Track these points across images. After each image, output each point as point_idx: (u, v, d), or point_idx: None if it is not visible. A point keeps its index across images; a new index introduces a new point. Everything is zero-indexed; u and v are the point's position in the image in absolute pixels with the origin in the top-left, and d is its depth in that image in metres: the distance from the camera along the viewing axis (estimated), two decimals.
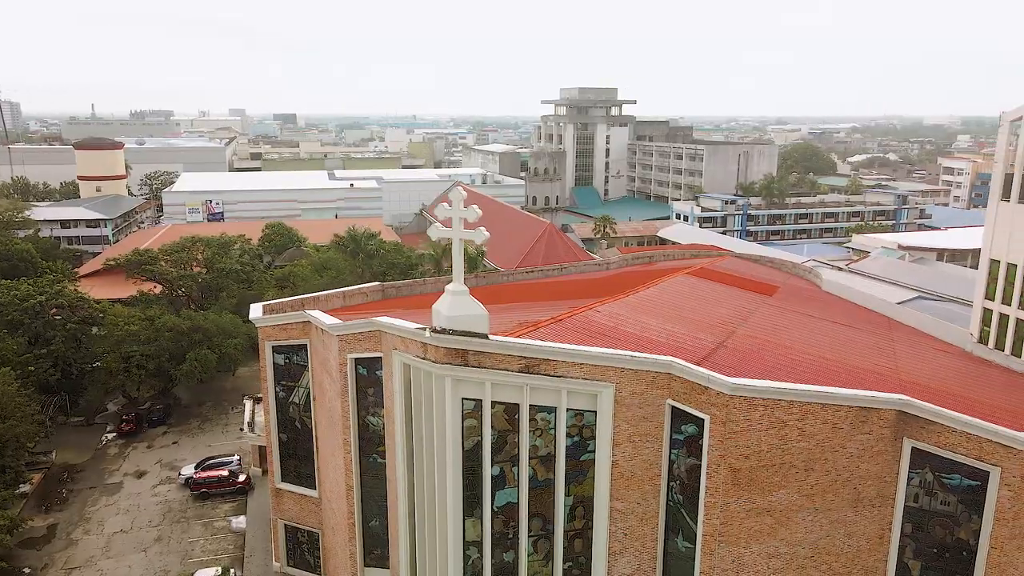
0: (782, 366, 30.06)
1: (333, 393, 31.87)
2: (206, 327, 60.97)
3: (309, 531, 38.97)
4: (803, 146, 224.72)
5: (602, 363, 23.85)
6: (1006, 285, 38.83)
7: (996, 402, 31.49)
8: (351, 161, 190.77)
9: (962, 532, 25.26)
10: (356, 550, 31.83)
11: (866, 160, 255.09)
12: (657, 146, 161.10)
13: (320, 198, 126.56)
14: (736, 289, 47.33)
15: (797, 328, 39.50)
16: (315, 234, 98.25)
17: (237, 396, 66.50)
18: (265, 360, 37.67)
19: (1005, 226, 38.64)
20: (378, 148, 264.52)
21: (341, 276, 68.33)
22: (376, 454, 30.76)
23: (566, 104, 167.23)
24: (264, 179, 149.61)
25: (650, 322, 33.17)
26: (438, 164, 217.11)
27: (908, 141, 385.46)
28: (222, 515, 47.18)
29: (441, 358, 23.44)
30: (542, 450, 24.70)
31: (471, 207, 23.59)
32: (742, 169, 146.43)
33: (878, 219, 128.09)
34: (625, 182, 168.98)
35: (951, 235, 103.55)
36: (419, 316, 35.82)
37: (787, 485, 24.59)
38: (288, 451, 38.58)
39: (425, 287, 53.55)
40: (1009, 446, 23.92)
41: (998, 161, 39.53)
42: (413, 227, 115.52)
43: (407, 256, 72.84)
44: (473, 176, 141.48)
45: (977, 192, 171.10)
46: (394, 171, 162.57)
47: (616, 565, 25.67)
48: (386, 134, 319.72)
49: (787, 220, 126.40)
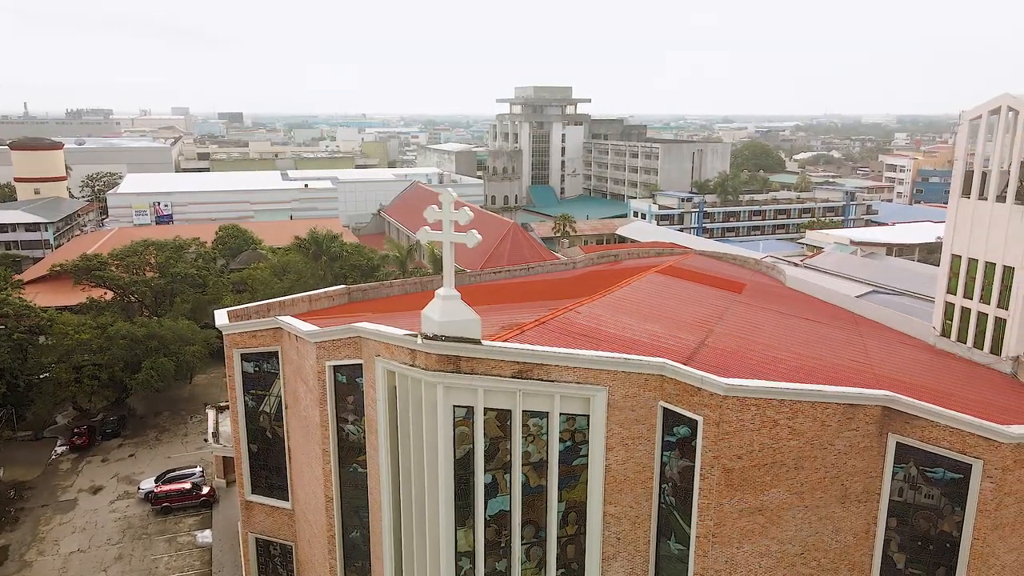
0: (764, 365, 30.23)
1: (309, 402, 30.84)
2: (162, 334, 58.84)
3: (282, 544, 37.75)
4: (753, 144, 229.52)
5: (595, 366, 23.52)
6: (967, 280, 39.86)
7: (966, 394, 32.26)
8: (303, 161, 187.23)
9: (945, 524, 25.70)
10: (336, 563, 30.86)
11: (812, 158, 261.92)
12: (612, 144, 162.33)
13: (274, 199, 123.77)
14: (706, 287, 47.67)
15: (771, 325, 39.92)
16: (270, 236, 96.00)
17: (195, 405, 64.46)
18: (233, 368, 36.27)
19: (966, 222, 39.66)
20: (330, 148, 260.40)
21: (302, 279, 66.80)
22: (357, 464, 29.86)
23: (521, 103, 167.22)
24: (214, 180, 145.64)
25: (630, 322, 33.04)
26: (392, 164, 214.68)
27: (850, 139, 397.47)
28: (186, 530, 45.52)
29: (432, 365, 22.79)
30: (534, 456, 24.25)
31: (463, 209, 22.98)
32: (696, 167, 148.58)
33: (828, 215, 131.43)
34: (581, 180, 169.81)
35: (899, 230, 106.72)
36: (393, 320, 35.00)
37: (778, 484, 24.65)
38: (259, 462, 37.28)
39: (392, 289, 52.72)
40: (991, 439, 24.38)
41: (958, 159, 40.57)
42: (371, 228, 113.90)
43: (368, 258, 71.60)
44: (430, 176, 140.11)
45: (918, 188, 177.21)
46: (348, 171, 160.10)
47: (609, 570, 25.39)
48: (337, 133, 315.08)
49: (741, 217, 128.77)
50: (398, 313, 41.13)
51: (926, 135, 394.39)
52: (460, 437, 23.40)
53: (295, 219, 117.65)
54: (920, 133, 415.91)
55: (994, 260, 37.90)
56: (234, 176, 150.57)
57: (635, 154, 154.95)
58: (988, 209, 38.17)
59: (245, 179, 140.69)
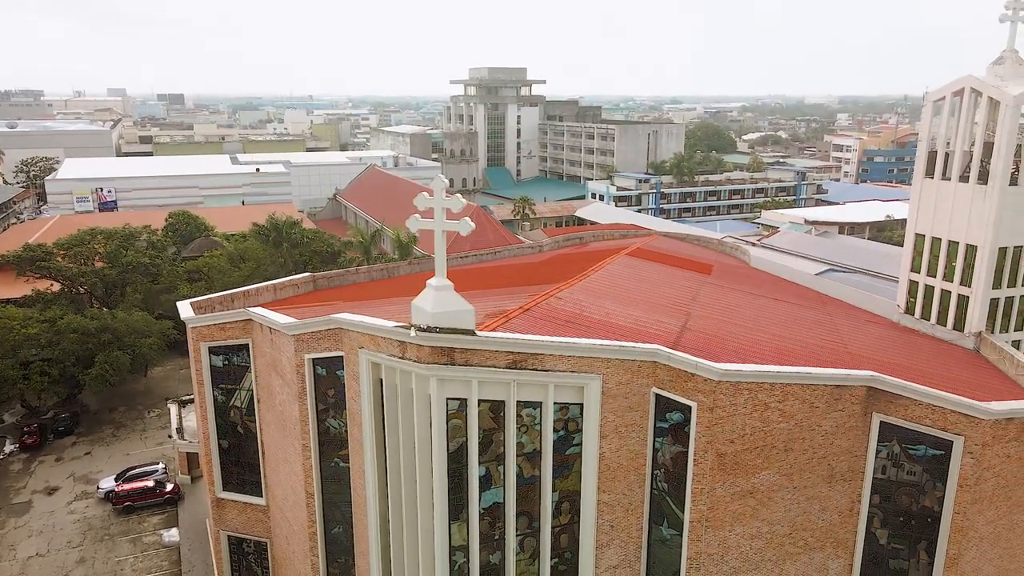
0: (746, 348, 30.36)
1: (287, 396, 29.84)
2: (116, 327, 56.52)
3: (256, 541, 36.75)
4: (705, 125, 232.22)
5: (590, 355, 23.19)
6: (931, 258, 40.76)
7: (938, 371, 33.03)
8: (252, 144, 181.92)
9: (927, 500, 26.29)
10: (318, 560, 30.09)
11: (760, 138, 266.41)
12: (568, 126, 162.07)
13: (224, 184, 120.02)
14: (676, 269, 47.82)
15: (744, 307, 40.24)
16: (223, 222, 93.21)
17: (152, 399, 62.36)
18: (201, 362, 34.91)
19: (929, 202, 40.48)
20: (278, 130, 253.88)
21: (261, 267, 64.95)
22: (338, 458, 29.06)
23: (476, 84, 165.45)
24: (159, 164, 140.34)
25: (612, 307, 32.82)
26: (344, 147, 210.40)
27: (795, 120, 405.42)
28: (151, 529, 43.99)
29: (426, 358, 22.10)
30: (527, 447, 23.86)
31: (455, 196, 22.24)
32: (652, 148, 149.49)
33: (780, 195, 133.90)
34: (537, 162, 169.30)
35: (849, 209, 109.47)
36: (367, 309, 34.07)
37: (769, 466, 24.81)
38: (230, 458, 36.10)
39: (358, 276, 51.63)
40: (972, 415, 24.94)
41: (922, 140, 41.33)
42: (328, 212, 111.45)
43: (329, 244, 69.98)
44: (384, 159, 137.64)
45: (864, 167, 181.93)
46: (300, 154, 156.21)
47: (603, 557, 25.27)
48: (285, 115, 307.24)
49: (697, 198, 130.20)
50: (370, 302, 40.18)
51: (867, 115, 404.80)
52: (453, 430, 22.84)
53: (247, 204, 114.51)
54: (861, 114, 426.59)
55: (957, 239, 38.76)
56: (180, 160, 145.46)
57: (591, 136, 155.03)
58: (951, 189, 38.96)
59: (192, 163, 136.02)
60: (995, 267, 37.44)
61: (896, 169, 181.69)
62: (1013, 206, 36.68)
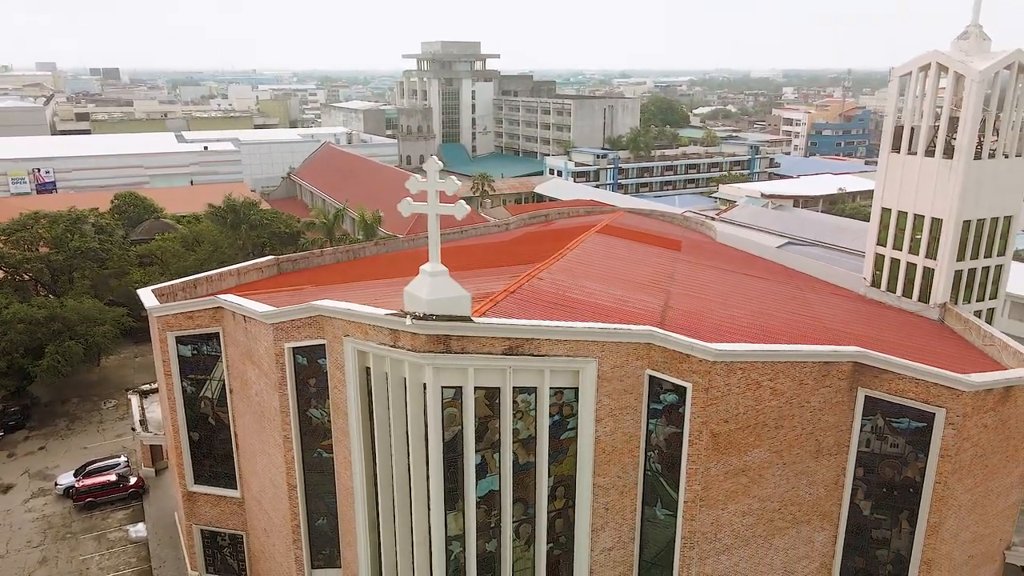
0: (729, 325, 30.43)
1: (264, 386, 28.80)
2: (66, 315, 53.98)
3: (231, 534, 35.75)
4: (658, 99, 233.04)
5: (585, 338, 22.83)
6: (897, 232, 41.51)
7: (913, 343, 33.71)
8: (197, 121, 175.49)
9: (910, 471, 26.87)
10: (302, 553, 29.34)
11: (711, 112, 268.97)
12: (524, 101, 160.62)
13: (171, 163, 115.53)
14: (647, 246, 47.80)
15: (718, 283, 40.43)
16: (172, 203, 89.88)
17: (107, 389, 60.03)
18: (168, 353, 33.47)
19: (896, 176, 41.08)
20: (222, 106, 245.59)
21: (218, 250, 62.76)
22: (321, 449, 28.26)
23: (429, 59, 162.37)
24: (100, 143, 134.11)
25: (593, 287, 32.51)
26: (294, 123, 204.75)
27: (743, 93, 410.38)
28: (116, 525, 42.41)
29: (421, 346, 21.40)
30: (523, 433, 23.48)
31: (449, 179, 21.44)
32: (608, 123, 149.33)
33: (735, 169, 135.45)
34: (492, 138, 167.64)
35: (803, 183, 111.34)
36: (341, 293, 33.05)
37: (760, 444, 24.97)
38: (202, 450, 34.89)
39: (323, 259, 50.35)
40: (953, 388, 25.47)
41: (888, 114, 41.85)
42: (282, 192, 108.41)
43: (288, 225, 67.98)
44: (338, 135, 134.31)
45: (812, 141, 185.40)
46: (249, 132, 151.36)
47: (598, 540, 25.18)
48: (229, 91, 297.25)
49: (654, 172, 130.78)
50: (342, 286, 39.10)
51: (811, 89, 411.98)
52: (448, 419, 22.27)
53: (196, 184, 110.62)
54: (805, 87, 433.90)
55: (923, 212, 39.48)
56: (122, 139, 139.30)
57: (547, 111, 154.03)
58: (917, 164, 39.55)
59: (136, 142, 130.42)
60: (959, 240, 38.35)
61: (843, 143, 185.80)
62: (977, 180, 37.48)
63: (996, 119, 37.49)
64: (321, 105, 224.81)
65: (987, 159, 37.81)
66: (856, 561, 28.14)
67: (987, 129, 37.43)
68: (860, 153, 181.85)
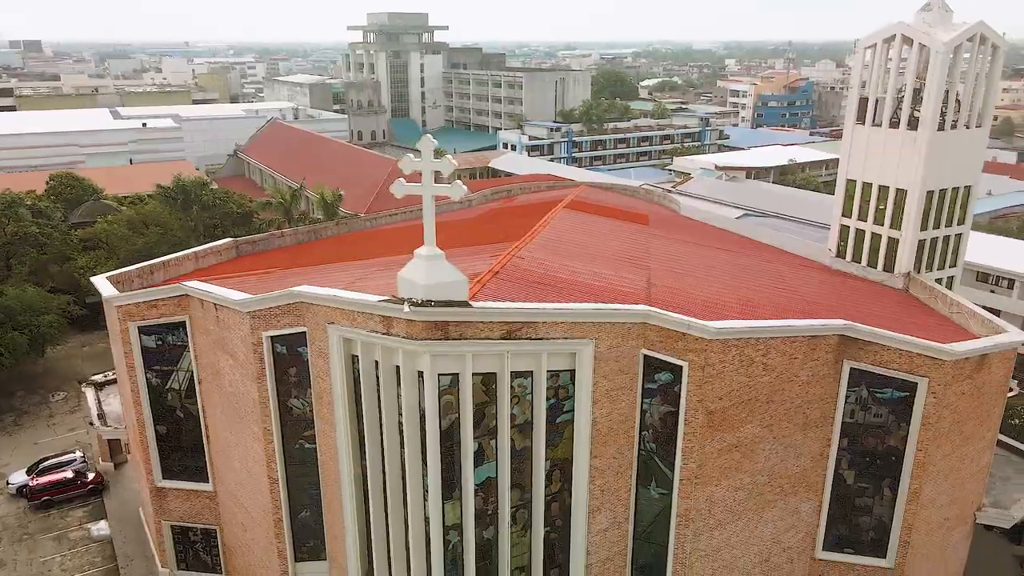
0: (712, 301, 30.36)
1: (241, 377, 27.55)
2: (8, 305, 51.07)
3: (204, 529, 34.50)
4: (608, 72, 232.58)
5: (583, 319, 22.36)
6: (861, 203, 42.07)
7: (884, 313, 34.31)
8: (132, 96, 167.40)
9: (892, 440, 27.41)
10: (285, 546, 28.42)
11: (658, 84, 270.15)
12: (474, 74, 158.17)
13: (107, 141, 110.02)
14: (616, 221, 47.55)
15: (693, 258, 40.46)
16: (112, 184, 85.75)
17: (55, 380, 57.25)
18: (130, 344, 31.76)
19: (860, 148, 41.54)
20: (157, 80, 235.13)
21: (169, 233, 60.13)
22: (303, 440, 27.28)
23: (375, 31, 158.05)
24: (27, 120, 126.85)
25: (575, 265, 32.01)
26: (235, 98, 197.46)
27: (688, 65, 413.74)
28: (76, 523, 40.57)
29: (418, 333, 20.58)
30: (519, 418, 22.98)
31: (445, 159, 20.50)
32: (559, 96, 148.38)
33: (686, 141, 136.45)
34: (443, 112, 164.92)
35: (755, 154, 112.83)
36: (312, 277, 31.80)
37: (752, 419, 25.04)
38: (170, 444, 33.40)
39: (283, 240, 48.83)
40: (935, 357, 25.95)
41: (853, 86, 42.16)
42: (229, 170, 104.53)
43: (241, 205, 65.54)
44: (283, 111, 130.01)
45: (759, 112, 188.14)
46: (189, 107, 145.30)
47: (593, 522, 25.00)
48: (163, 64, 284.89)
49: (608, 146, 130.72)
50: (312, 268, 37.71)
51: (753, 61, 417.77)
52: (445, 406, 21.58)
53: (136, 163, 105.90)
54: (747, 59, 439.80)
55: (887, 183, 40.05)
56: (52, 116, 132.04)
57: (498, 84, 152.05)
58: (882, 135, 40.02)
59: (68, 119, 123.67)
60: (923, 210, 39.09)
61: (788, 114, 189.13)
62: (941, 151, 38.14)
63: (957, 91, 38.10)
64: (264, 79, 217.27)
65: (949, 130, 38.45)
66: (840, 529, 28.70)
67: (950, 100, 38.01)
68: (804, 124, 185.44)
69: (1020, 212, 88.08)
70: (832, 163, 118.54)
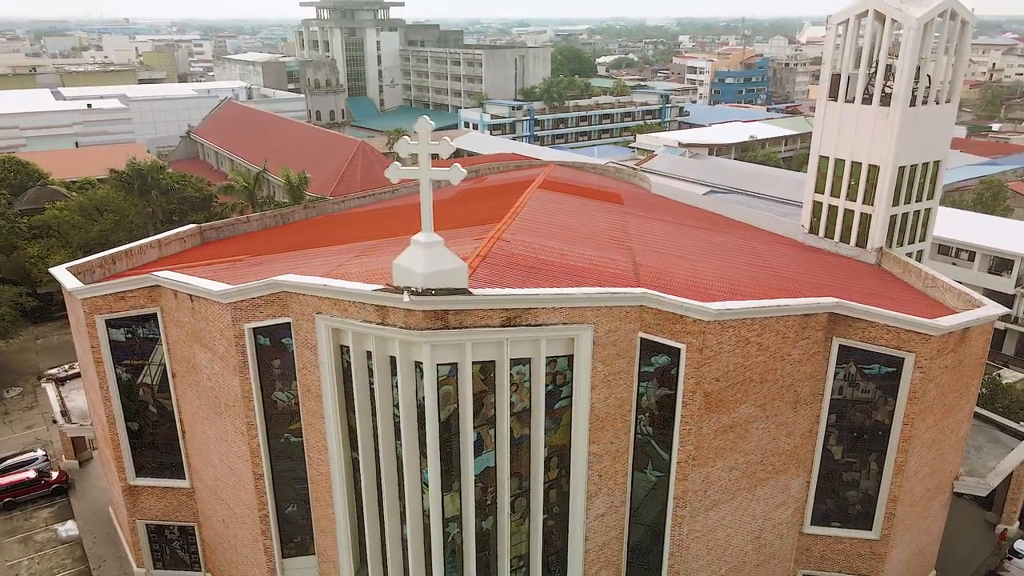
0: (699, 280, 30.19)
1: (220, 370, 26.45)
2: None
3: (181, 526, 33.39)
4: (566, 49, 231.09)
5: (582, 304, 21.90)
6: (834, 179, 42.38)
7: (864, 289, 34.63)
8: (73, 76, 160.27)
9: (879, 414, 27.75)
10: (271, 543, 27.59)
11: (615, 61, 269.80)
12: (432, 52, 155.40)
13: (50, 123, 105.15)
14: (590, 200, 47.19)
15: (672, 237, 40.33)
16: (59, 168, 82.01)
17: (8, 376, 54.79)
18: (98, 338, 30.28)
19: (833, 124, 41.74)
20: (98, 59, 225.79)
21: (124, 220, 57.75)
22: (288, 433, 26.40)
23: (329, 7, 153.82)
24: None
25: (560, 247, 31.50)
26: (183, 77, 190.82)
27: (643, 42, 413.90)
28: (42, 525, 38.93)
29: (418, 323, 19.84)
30: (517, 406, 22.49)
31: (443, 140, 19.65)
32: (519, 74, 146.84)
33: (647, 118, 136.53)
34: (401, 91, 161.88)
35: (716, 131, 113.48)
36: (289, 263, 30.76)
37: (746, 399, 25.02)
38: (143, 441, 32.11)
39: (250, 225, 47.30)
40: (922, 332, 26.24)
41: (826, 63, 42.25)
42: (182, 152, 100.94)
43: (199, 189, 63.27)
44: (236, 90, 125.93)
45: (716, 89, 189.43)
46: (136, 87, 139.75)
47: (591, 507, 24.78)
48: (104, 42, 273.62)
49: (570, 124, 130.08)
50: (284, 255, 36.47)
51: (706, 37, 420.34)
52: (444, 397, 20.96)
53: (83, 146, 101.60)
54: (700, 35, 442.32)
55: (860, 160, 40.36)
56: None
57: (457, 62, 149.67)
58: (855, 112, 40.22)
59: (6, 100, 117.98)
60: (895, 185, 39.54)
61: (744, 90, 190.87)
62: (913, 126, 38.52)
63: (928, 66, 38.41)
64: (214, 58, 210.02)
65: (920, 106, 38.81)
66: (827, 503, 29.08)
67: (921, 76, 38.32)
68: (761, 100, 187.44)
69: (972, 185, 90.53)
70: (791, 139, 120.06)
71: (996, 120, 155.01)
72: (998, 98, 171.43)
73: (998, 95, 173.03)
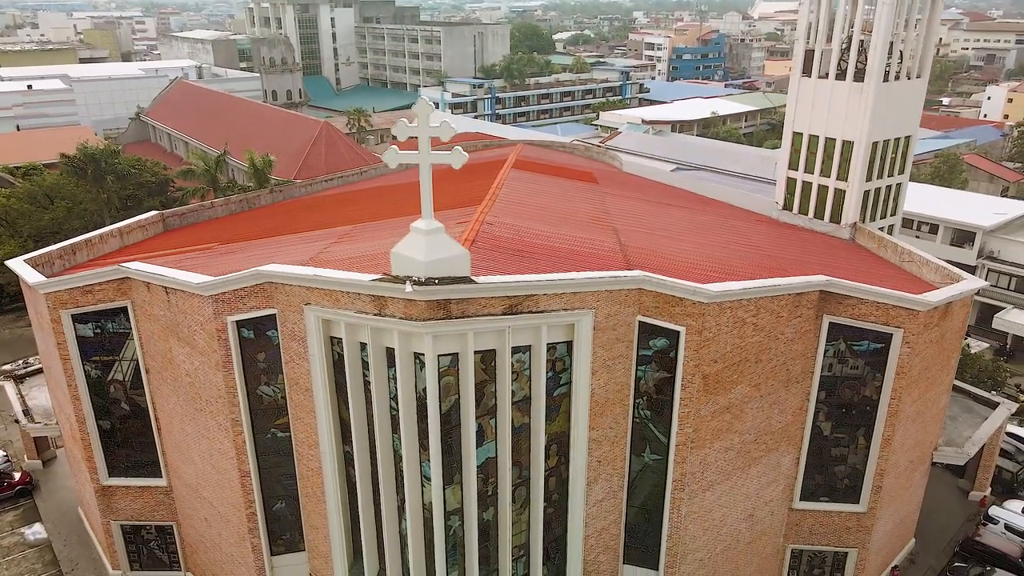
0: (688, 261, 29.99)
1: (200, 365, 25.32)
2: None
3: (159, 526, 32.24)
4: (524, 26, 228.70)
5: (584, 289, 21.41)
6: (808, 155, 42.55)
7: (846, 265, 34.86)
8: (8, 56, 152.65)
9: (868, 390, 28.01)
10: (260, 541, 26.74)
11: (572, 37, 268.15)
12: (388, 29, 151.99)
13: None
14: (566, 180, 46.60)
15: (651, 217, 40.07)
16: (1, 154, 78.19)
17: None
18: (64, 335, 28.76)
19: (807, 100, 41.81)
20: (34, 37, 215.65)
21: (78, 207, 55.23)
22: (275, 428, 25.48)
23: None
24: None
25: (545, 229, 30.94)
26: (127, 56, 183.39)
27: (598, 18, 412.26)
28: (8, 529, 37.27)
29: (420, 313, 19.09)
30: (517, 395, 21.98)
31: (444, 123, 18.77)
32: (478, 51, 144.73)
33: (608, 95, 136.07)
34: (357, 69, 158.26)
35: (678, 107, 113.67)
36: (264, 251, 29.62)
37: (742, 380, 24.97)
38: (115, 440, 30.78)
39: (215, 211, 45.64)
40: (910, 308, 26.48)
41: (799, 39, 42.20)
42: (131, 135, 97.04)
43: (155, 173, 60.81)
44: (186, 69, 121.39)
45: (673, 65, 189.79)
46: (78, 67, 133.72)
47: (590, 494, 24.51)
48: (39, 19, 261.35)
49: (531, 101, 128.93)
50: (257, 242, 35.16)
51: (660, 13, 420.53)
52: (445, 388, 20.32)
53: (24, 129, 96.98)
54: (653, 11, 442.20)
55: (834, 136, 40.53)
56: None
57: (415, 39, 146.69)
58: (828, 87, 40.30)
59: None
60: (868, 161, 39.84)
61: (702, 66, 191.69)
62: (886, 102, 38.77)
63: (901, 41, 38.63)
64: (159, 36, 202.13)
65: (893, 81, 39.05)
66: (816, 478, 29.38)
67: (894, 51, 38.51)
68: (718, 76, 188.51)
69: (928, 159, 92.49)
70: (751, 115, 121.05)
71: (945, 94, 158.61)
72: (946, 72, 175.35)
73: (946, 69, 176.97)
